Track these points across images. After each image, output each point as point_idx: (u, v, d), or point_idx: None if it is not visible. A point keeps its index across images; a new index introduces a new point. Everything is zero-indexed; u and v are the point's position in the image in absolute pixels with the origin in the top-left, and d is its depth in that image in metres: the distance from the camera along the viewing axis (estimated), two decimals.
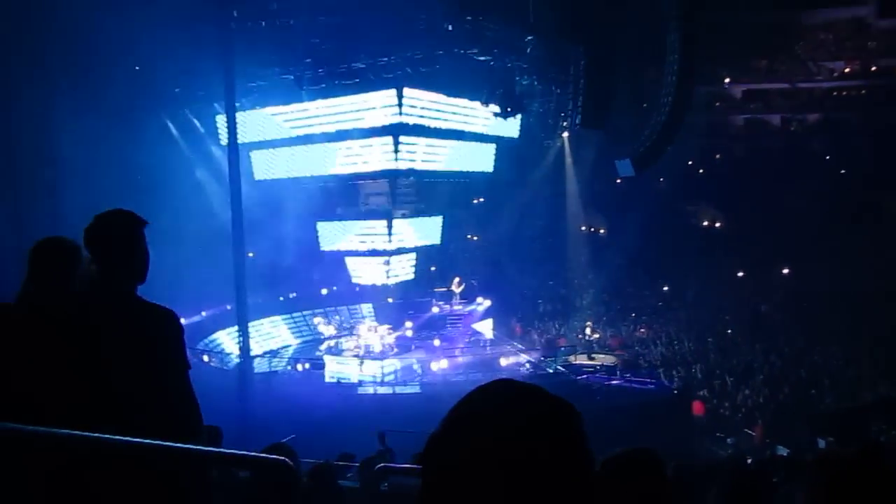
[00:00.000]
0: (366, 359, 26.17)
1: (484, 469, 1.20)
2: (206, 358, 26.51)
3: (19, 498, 2.47)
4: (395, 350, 27.40)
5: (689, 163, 37.20)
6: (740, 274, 32.73)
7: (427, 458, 1.30)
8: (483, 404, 1.29)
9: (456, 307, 30.37)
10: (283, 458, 3.89)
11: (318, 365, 26.53)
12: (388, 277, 29.19)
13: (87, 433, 2.54)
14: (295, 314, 31.70)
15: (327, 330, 30.62)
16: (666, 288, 33.65)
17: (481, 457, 1.21)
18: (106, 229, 3.14)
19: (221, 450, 4.03)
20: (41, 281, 3.10)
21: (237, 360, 25.00)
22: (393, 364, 26.13)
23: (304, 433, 17.16)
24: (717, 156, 39.74)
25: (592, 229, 37.77)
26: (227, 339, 28.34)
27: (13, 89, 20.51)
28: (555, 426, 1.26)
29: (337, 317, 31.54)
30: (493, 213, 34.38)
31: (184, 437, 2.94)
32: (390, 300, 30.64)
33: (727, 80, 41.81)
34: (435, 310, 30.49)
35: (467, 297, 30.56)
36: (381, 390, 24.39)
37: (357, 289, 30.79)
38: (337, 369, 26.07)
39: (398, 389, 24.32)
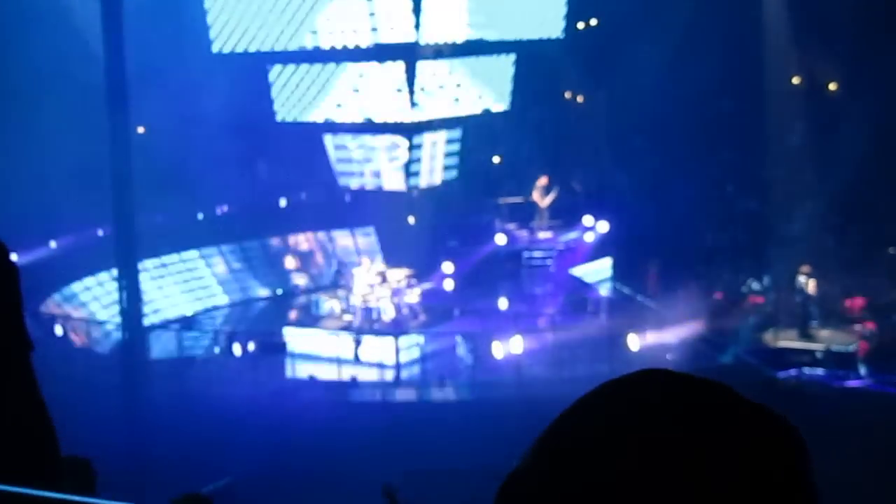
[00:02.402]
0: (366, 334, 27.15)
1: None
2: (58, 330, 27.05)
3: None
4: (423, 317, 28.64)
5: None
6: None
7: None
8: (632, 417, 1.28)
9: (541, 235, 31.29)
10: None
11: (276, 345, 27.84)
12: (408, 177, 30.20)
13: None
14: (227, 247, 32.60)
15: (299, 279, 31.89)
16: None
17: None
18: None
19: (94, 500, 4.02)
20: None
21: (119, 335, 25.77)
22: (417, 344, 27.28)
23: (249, 475, 17.83)
24: None
25: (814, 84, 36.88)
26: (98, 295, 28.95)
27: None
28: (779, 467, 1.26)
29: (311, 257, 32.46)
30: (616, 52, 34.11)
31: (26, 473, 2.90)
32: (412, 220, 31.60)
33: None
34: (500, 240, 31.10)
35: (563, 215, 31.58)
36: (399, 395, 25.69)
37: (348, 199, 32.12)
38: (312, 352, 27.16)
39: (428, 394, 25.40)
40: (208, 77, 29.28)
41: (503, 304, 29.37)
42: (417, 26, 27.53)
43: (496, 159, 34.00)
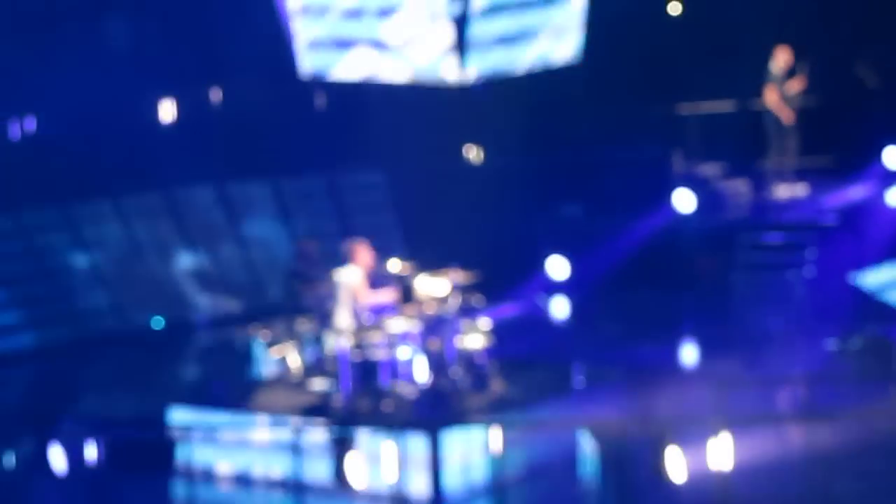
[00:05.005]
0: (363, 425, 20.68)
1: None
2: None
3: None
4: (498, 386, 21.19)
5: None
6: None
7: None
8: None
9: (782, 192, 24.76)
10: None
11: (154, 449, 20.87)
12: (464, 52, 24.73)
13: None
14: (32, 217, 25.89)
15: (208, 294, 26.85)
16: None
17: None
18: None
19: None
20: None
21: None
22: (485, 448, 21.75)
23: None
24: None
25: None
26: None
27: None
28: None
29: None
30: None
31: None
32: (473, 155, 27.72)
33: None
34: (682, 203, 25.21)
35: (836, 145, 25.56)
36: None
37: (323, 102, 27.28)
38: (237, 464, 20.06)
39: None
40: None
41: (690, 354, 21.40)
42: None
43: (675, 8, 24.68)
